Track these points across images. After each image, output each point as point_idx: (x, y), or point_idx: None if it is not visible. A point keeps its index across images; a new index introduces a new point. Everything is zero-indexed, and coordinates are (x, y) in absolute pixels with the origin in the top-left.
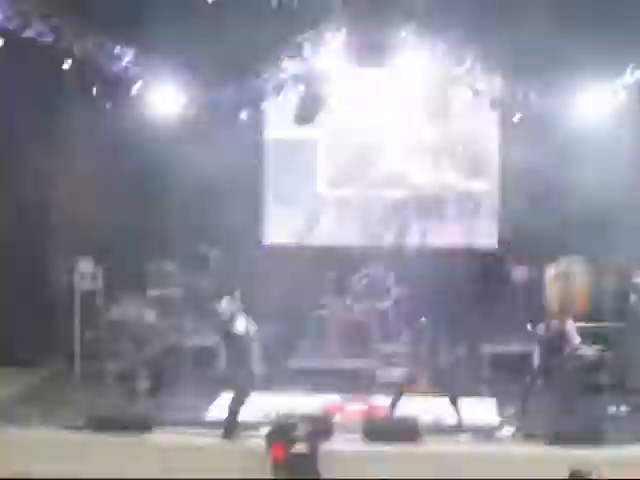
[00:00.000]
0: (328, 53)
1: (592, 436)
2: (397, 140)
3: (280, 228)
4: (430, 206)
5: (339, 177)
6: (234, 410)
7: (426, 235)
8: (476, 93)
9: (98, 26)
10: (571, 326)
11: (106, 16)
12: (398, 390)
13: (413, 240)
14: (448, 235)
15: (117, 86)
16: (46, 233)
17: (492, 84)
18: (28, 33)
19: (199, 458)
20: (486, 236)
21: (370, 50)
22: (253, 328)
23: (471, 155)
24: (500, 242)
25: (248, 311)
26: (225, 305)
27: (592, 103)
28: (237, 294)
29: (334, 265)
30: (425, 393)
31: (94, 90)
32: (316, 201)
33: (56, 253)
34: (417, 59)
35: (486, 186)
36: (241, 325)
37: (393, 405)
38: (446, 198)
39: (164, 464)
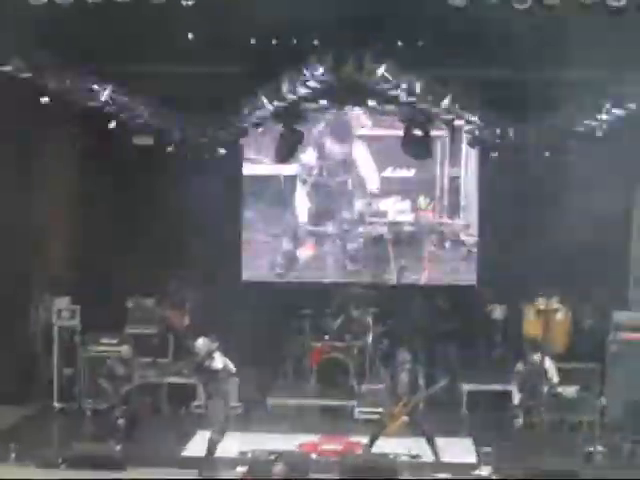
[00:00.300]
0: (308, 91)
1: (570, 475)
2: (375, 178)
3: (259, 263)
4: (408, 243)
5: (318, 213)
6: (211, 448)
7: (404, 272)
8: (453, 131)
9: (77, 62)
10: (550, 364)
11: (86, 52)
12: (377, 428)
13: (392, 276)
14: (427, 272)
15: (95, 121)
16: (25, 271)
17: (469, 122)
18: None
19: None
20: (465, 273)
21: (348, 90)
22: (230, 365)
23: (451, 194)
24: (479, 280)
25: (225, 348)
26: (202, 343)
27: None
28: (213, 336)
29: (312, 302)
30: (405, 431)
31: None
32: (295, 236)
33: (34, 291)
34: (395, 98)
35: (466, 224)
36: (218, 362)
37: (371, 443)
38: (424, 236)
39: None
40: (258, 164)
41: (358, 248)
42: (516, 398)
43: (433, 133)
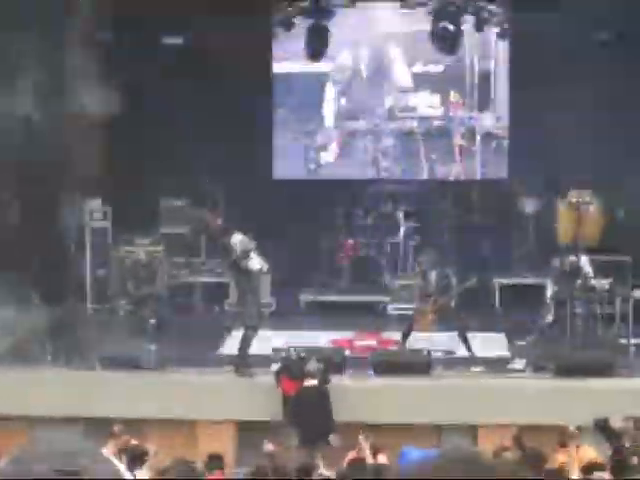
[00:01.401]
0: None
1: (603, 368)
2: (406, 73)
3: (290, 162)
4: (439, 137)
5: (349, 110)
6: (245, 346)
7: (435, 168)
8: (484, 22)
9: None
10: (584, 258)
11: None
12: (409, 324)
13: (423, 172)
14: (458, 167)
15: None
16: (57, 172)
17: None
18: None
19: (212, 395)
20: (497, 168)
21: None
22: (266, 266)
23: (481, 88)
24: (511, 173)
25: (261, 246)
26: (239, 239)
27: None
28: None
29: (344, 199)
30: (435, 327)
31: None
32: (326, 134)
33: (66, 193)
34: None
35: (496, 120)
36: (255, 262)
37: (403, 339)
38: (456, 130)
39: (176, 401)
40: (289, 61)
41: (389, 143)
42: (550, 292)
43: (463, 27)
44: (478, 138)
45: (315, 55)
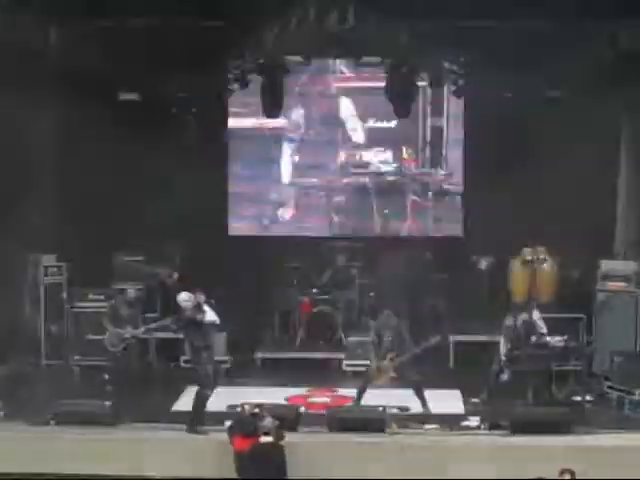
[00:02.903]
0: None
1: (558, 424)
2: (359, 128)
3: (244, 219)
4: (391, 193)
5: (303, 166)
6: (199, 403)
7: (388, 223)
8: (439, 83)
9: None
10: (537, 315)
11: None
12: (364, 381)
13: (376, 228)
14: (411, 223)
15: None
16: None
17: (454, 72)
18: None
19: (165, 452)
20: (450, 225)
21: (331, 42)
22: (216, 318)
23: (435, 145)
24: (465, 231)
25: (216, 302)
26: (186, 297)
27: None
28: (199, 289)
29: (299, 256)
30: (392, 384)
31: None
32: (280, 191)
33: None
34: (380, 48)
35: (450, 176)
36: (208, 315)
37: (359, 396)
38: (409, 186)
39: (130, 458)
40: (243, 117)
41: (342, 199)
42: (503, 349)
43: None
44: (430, 194)
45: (271, 111)
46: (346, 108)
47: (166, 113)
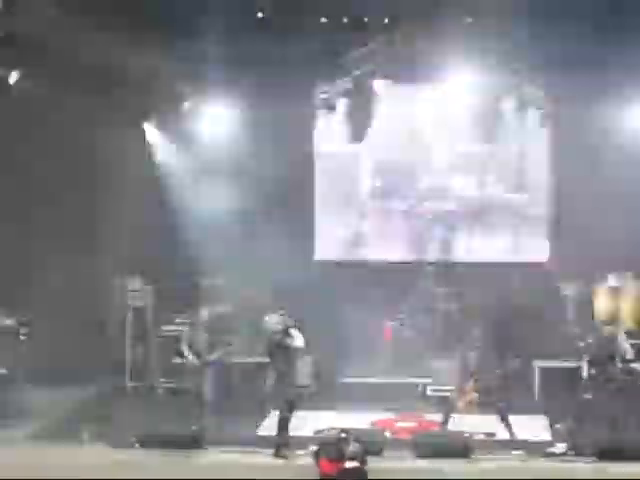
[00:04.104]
0: (377, 69)
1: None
2: (444, 153)
3: (330, 243)
4: (478, 219)
5: (384, 190)
6: (282, 427)
7: (472, 249)
8: (524, 107)
9: None
10: (623, 339)
11: None
12: (449, 406)
13: (461, 254)
14: (498, 249)
15: None
16: (98, 252)
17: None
18: None
19: (251, 476)
20: (533, 249)
21: (417, 67)
22: (303, 344)
23: (519, 170)
24: (550, 257)
25: (300, 326)
26: (276, 319)
27: None
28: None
29: (384, 280)
30: (476, 409)
31: None
32: (362, 213)
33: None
34: (466, 73)
35: (535, 201)
36: (297, 340)
37: (444, 421)
38: (494, 212)
39: None
40: (327, 142)
41: (425, 224)
42: (585, 371)
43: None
44: (515, 219)
45: (356, 136)
46: (430, 131)
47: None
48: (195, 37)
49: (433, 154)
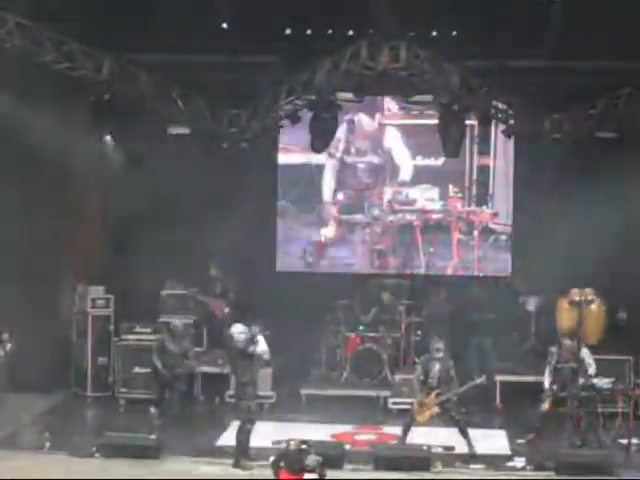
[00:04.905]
0: (342, 80)
1: (603, 467)
2: (407, 165)
3: (290, 255)
4: (437, 231)
5: (348, 202)
6: (243, 438)
7: (433, 261)
8: (488, 121)
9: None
10: (586, 354)
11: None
12: (409, 419)
13: (420, 266)
14: (456, 262)
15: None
16: (59, 260)
17: (504, 111)
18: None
19: None
20: (495, 264)
21: (382, 80)
22: (268, 350)
23: (479, 183)
24: (513, 270)
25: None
26: (241, 329)
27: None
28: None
29: (346, 292)
30: (433, 421)
31: None
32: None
33: (68, 280)
34: (431, 86)
35: (496, 215)
36: (262, 346)
37: (404, 434)
38: (455, 225)
39: None
40: (290, 153)
41: (388, 236)
42: (547, 381)
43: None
44: (476, 233)
45: (319, 147)
46: (394, 145)
47: (217, 147)
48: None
49: (396, 166)
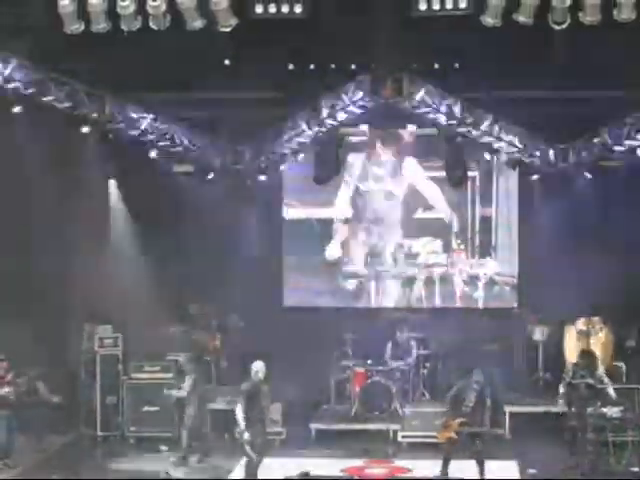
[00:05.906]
0: (346, 116)
1: None
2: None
3: (299, 290)
4: (442, 284)
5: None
6: (250, 474)
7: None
8: (493, 154)
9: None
10: (603, 373)
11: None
12: (446, 451)
13: (430, 300)
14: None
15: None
16: (68, 301)
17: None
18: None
19: None
20: (506, 297)
21: (386, 114)
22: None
23: (482, 234)
24: (520, 301)
25: (270, 372)
26: (260, 366)
27: None
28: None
29: (353, 326)
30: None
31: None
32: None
33: (76, 320)
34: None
35: (498, 267)
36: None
37: (445, 464)
38: (456, 277)
39: None
40: (293, 207)
41: (391, 288)
42: (561, 389)
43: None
44: (480, 285)
45: (322, 180)
46: (397, 196)
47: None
48: None
49: (399, 219)
